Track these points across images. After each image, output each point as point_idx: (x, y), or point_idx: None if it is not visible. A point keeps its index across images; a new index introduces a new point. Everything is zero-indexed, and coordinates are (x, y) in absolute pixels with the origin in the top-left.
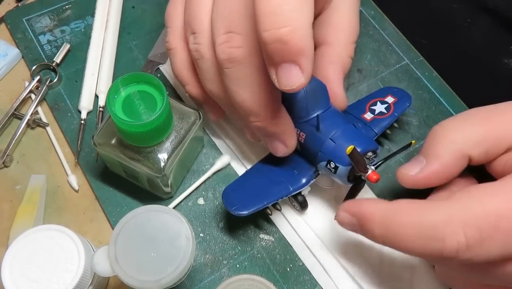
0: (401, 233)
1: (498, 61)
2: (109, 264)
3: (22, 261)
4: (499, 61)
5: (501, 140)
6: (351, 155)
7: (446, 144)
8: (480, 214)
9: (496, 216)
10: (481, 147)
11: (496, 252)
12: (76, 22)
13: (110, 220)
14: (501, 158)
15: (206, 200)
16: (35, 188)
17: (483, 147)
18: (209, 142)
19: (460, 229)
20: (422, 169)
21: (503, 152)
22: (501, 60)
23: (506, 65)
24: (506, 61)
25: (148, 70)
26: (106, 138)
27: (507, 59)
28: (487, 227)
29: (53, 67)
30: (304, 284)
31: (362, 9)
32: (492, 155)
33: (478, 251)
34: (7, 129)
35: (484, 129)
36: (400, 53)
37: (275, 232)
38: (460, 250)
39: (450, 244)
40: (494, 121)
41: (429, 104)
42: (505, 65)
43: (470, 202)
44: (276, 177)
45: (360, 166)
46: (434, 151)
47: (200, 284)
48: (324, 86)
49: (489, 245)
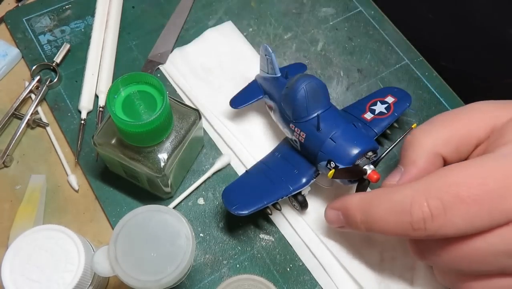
0: (377, 213)
1: (505, 32)
2: (109, 264)
3: (22, 261)
4: (506, 32)
5: (468, 138)
6: (335, 176)
7: (418, 149)
8: (441, 186)
9: (455, 186)
10: (450, 145)
11: (461, 223)
12: (76, 22)
13: (110, 220)
14: (472, 154)
15: (206, 200)
16: (35, 188)
17: (452, 145)
18: (209, 142)
19: (423, 200)
20: (402, 176)
21: (473, 149)
22: (508, 31)
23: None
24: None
25: (148, 70)
26: (106, 138)
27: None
28: (447, 197)
29: (53, 67)
30: (304, 284)
31: (362, 9)
32: (463, 152)
33: (443, 221)
34: (7, 129)
35: (450, 130)
36: (400, 53)
37: (275, 232)
38: (427, 221)
39: (416, 215)
40: (460, 121)
41: (429, 104)
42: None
43: (433, 178)
44: (276, 177)
45: (353, 175)
46: (409, 158)
47: (200, 284)
48: (324, 86)
49: (452, 214)
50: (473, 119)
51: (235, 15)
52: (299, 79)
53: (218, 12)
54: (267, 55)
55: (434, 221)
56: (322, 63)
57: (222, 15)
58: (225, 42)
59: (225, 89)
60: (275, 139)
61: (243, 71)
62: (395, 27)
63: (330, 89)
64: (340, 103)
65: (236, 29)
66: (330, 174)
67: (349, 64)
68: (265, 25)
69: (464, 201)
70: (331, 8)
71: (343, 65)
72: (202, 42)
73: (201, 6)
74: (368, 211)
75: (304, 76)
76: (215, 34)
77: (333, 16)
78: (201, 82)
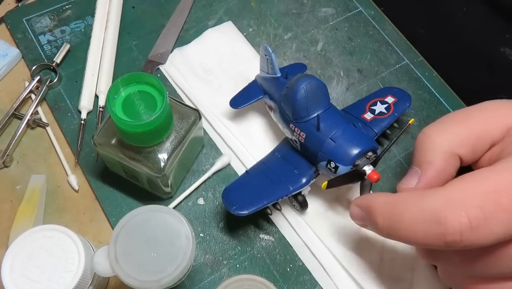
0: (403, 221)
1: (495, 50)
2: (109, 264)
3: (22, 261)
4: (496, 50)
5: (483, 137)
6: (329, 187)
7: (434, 149)
8: (480, 193)
9: (495, 193)
10: (467, 145)
11: (500, 231)
12: (76, 22)
13: (110, 220)
14: (485, 155)
15: (206, 200)
16: (35, 188)
17: (468, 145)
18: (209, 142)
19: (461, 210)
20: (420, 178)
21: (487, 149)
22: (497, 48)
23: (502, 54)
24: (502, 49)
25: (148, 70)
26: (106, 138)
27: (503, 47)
28: (489, 205)
29: (53, 67)
30: (304, 284)
31: (362, 9)
32: (478, 152)
33: (483, 232)
34: (7, 129)
35: (466, 129)
36: (400, 53)
37: (275, 232)
38: (464, 232)
39: (452, 226)
40: (474, 120)
41: (429, 104)
42: (502, 53)
43: (468, 184)
44: (276, 177)
45: (347, 180)
46: (425, 158)
47: (200, 284)
48: (324, 86)
49: (492, 224)
50: (488, 118)
51: (235, 15)
52: (299, 79)
53: (218, 12)
54: (267, 55)
55: (473, 232)
56: (322, 63)
57: (222, 15)
58: (225, 42)
59: (225, 89)
60: (275, 139)
61: (243, 71)
62: (395, 27)
63: (330, 89)
64: (340, 103)
65: (236, 29)
66: (324, 186)
67: (349, 64)
68: (265, 25)
69: (505, 209)
70: (331, 8)
71: (343, 65)
72: (202, 42)
73: (201, 6)
74: (393, 217)
75: (304, 76)
76: (215, 34)
77: (333, 16)
78: (201, 82)
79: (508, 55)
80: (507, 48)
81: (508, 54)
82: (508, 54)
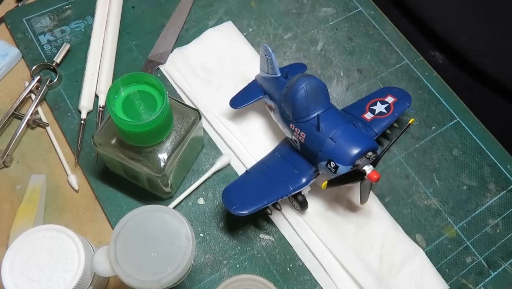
0: None
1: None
2: (109, 264)
3: (22, 261)
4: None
5: None
6: (329, 186)
7: None
8: None
9: None
10: None
11: None
12: (76, 22)
13: (110, 220)
14: None
15: (206, 200)
16: (35, 188)
17: None
18: (209, 142)
19: None
20: None
21: None
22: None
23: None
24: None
25: (148, 70)
26: (106, 138)
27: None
28: None
29: (53, 67)
30: (304, 284)
31: (362, 9)
32: None
33: None
34: (7, 129)
35: None
36: (400, 53)
37: (275, 232)
38: None
39: None
40: None
41: (429, 104)
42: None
43: None
44: (276, 177)
45: (347, 180)
46: None
47: (200, 284)
48: (324, 86)
49: None
50: None
51: (235, 15)
52: (299, 79)
53: (218, 12)
54: (267, 55)
55: None
56: (322, 63)
57: (222, 15)
58: (225, 42)
59: (225, 89)
60: (275, 139)
61: (243, 71)
62: (395, 27)
63: (330, 89)
64: (340, 103)
65: (236, 29)
66: (324, 186)
67: (349, 64)
68: (265, 25)
69: None
70: (331, 8)
71: (343, 65)
72: (202, 42)
73: (201, 6)
74: None
75: (304, 76)
76: (215, 34)
77: (333, 16)
78: (201, 82)
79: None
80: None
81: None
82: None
